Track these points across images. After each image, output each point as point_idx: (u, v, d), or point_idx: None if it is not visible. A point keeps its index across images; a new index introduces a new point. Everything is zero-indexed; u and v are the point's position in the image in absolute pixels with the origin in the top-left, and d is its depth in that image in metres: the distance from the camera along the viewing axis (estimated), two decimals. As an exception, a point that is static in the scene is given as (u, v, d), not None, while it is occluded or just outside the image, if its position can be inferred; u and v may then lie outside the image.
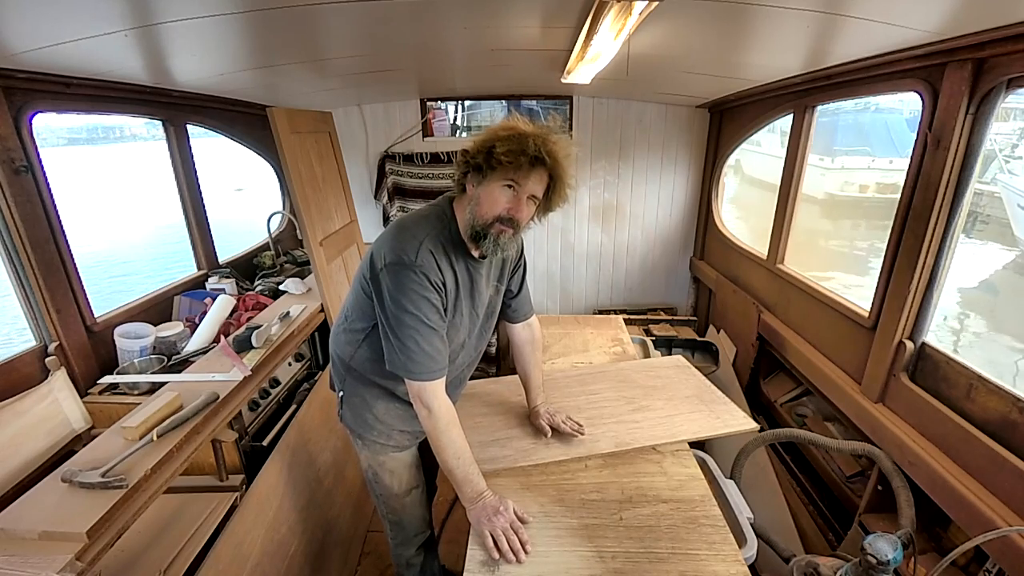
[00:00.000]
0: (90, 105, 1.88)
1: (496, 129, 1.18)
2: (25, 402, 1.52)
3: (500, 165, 1.15)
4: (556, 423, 1.54)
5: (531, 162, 1.15)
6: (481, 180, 1.21)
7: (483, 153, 1.17)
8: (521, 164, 1.15)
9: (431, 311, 1.19)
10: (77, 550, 1.03)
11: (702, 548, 1.16)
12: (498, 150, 1.14)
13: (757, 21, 1.52)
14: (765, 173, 7.98)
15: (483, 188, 1.20)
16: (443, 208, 1.30)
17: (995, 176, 7.26)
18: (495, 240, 1.22)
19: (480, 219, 1.21)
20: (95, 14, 1.23)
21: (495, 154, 1.14)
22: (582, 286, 3.81)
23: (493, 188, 1.19)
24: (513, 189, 1.19)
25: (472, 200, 1.23)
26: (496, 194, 1.19)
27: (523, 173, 1.17)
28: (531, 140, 1.14)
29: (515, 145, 1.14)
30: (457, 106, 3.88)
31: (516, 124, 1.18)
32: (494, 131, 1.18)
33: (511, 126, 1.18)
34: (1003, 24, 1.17)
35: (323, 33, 1.70)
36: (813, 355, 2.12)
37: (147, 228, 12.39)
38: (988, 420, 1.37)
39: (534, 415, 1.59)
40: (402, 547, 1.62)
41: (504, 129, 1.17)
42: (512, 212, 1.20)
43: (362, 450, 1.48)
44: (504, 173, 1.17)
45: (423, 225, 1.25)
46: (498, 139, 1.15)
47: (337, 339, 1.46)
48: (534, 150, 1.14)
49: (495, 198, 1.19)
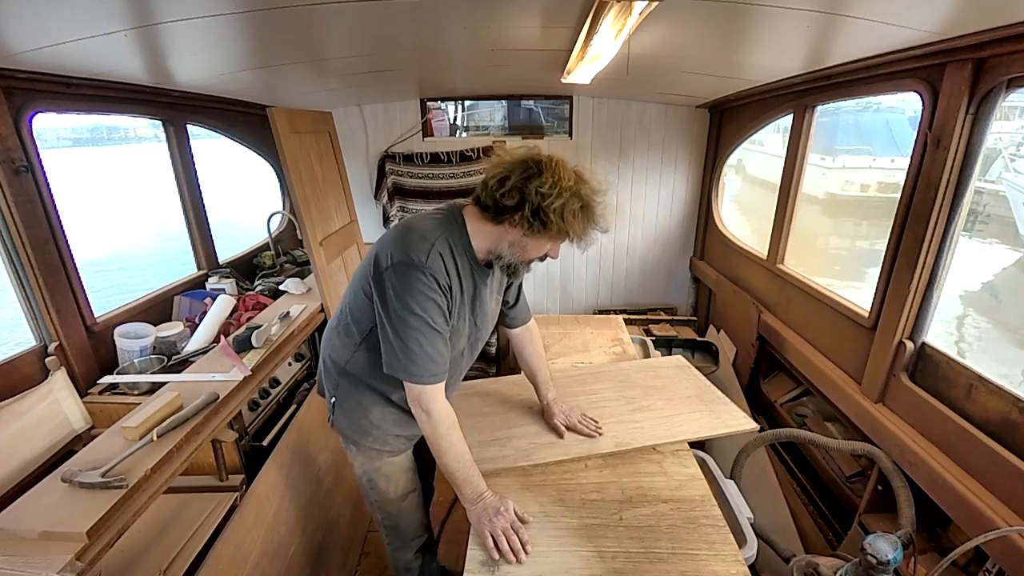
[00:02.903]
0: (90, 105, 1.88)
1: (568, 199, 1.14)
2: (25, 402, 1.52)
3: (571, 236, 1.18)
4: (572, 423, 1.54)
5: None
6: (534, 234, 1.18)
7: (556, 222, 1.14)
8: (589, 235, 1.21)
9: (437, 314, 1.17)
10: (77, 550, 1.03)
11: (702, 548, 1.16)
12: (577, 226, 1.16)
13: (757, 21, 1.52)
14: (767, 173, 7.98)
15: (534, 241, 1.21)
16: (453, 215, 1.27)
17: (1000, 175, 7.25)
18: (527, 268, 1.30)
19: (523, 260, 1.26)
20: (95, 14, 1.23)
21: (572, 227, 1.15)
22: (582, 286, 3.81)
23: (544, 242, 1.23)
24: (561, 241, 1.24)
25: (515, 245, 1.23)
26: (544, 244, 1.24)
27: (584, 237, 1.21)
28: (603, 217, 1.20)
29: (592, 222, 1.19)
30: (457, 106, 3.87)
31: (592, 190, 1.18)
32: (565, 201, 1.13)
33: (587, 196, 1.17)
34: (1003, 24, 1.17)
35: (323, 33, 1.70)
36: (813, 355, 2.12)
37: (153, 228, 12.39)
38: (988, 420, 1.37)
39: (548, 413, 1.58)
40: (399, 551, 1.61)
41: (578, 199, 1.15)
42: (552, 254, 1.27)
43: (356, 456, 1.46)
44: (562, 236, 1.19)
45: (433, 228, 1.22)
46: (571, 211, 1.14)
47: (331, 342, 1.42)
48: (605, 228, 1.21)
49: (542, 247, 1.24)
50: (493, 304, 1.43)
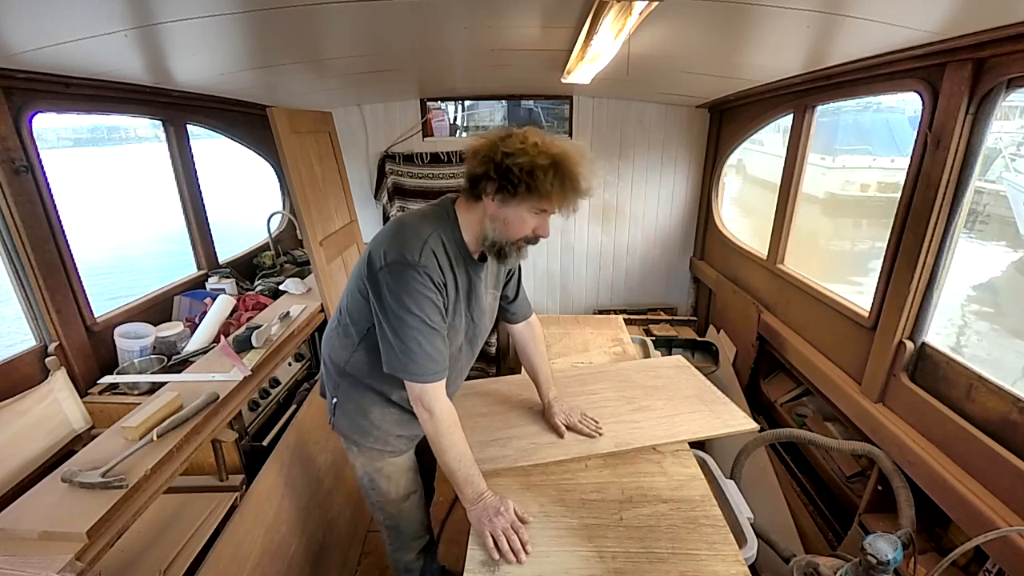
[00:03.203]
0: (90, 105, 1.88)
1: (536, 155, 1.09)
2: (25, 402, 1.52)
3: (546, 197, 1.12)
4: (573, 423, 1.54)
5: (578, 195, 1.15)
6: (509, 201, 1.15)
7: (524, 179, 1.09)
8: (568, 197, 1.14)
9: (433, 311, 1.17)
10: (77, 550, 1.03)
11: (702, 548, 1.16)
12: (548, 182, 1.09)
13: (757, 21, 1.52)
14: (767, 173, 7.98)
15: (511, 211, 1.16)
16: (445, 209, 1.27)
17: (1000, 174, 7.24)
18: (517, 253, 1.24)
19: (508, 240, 1.21)
20: (95, 14, 1.23)
21: (541, 186, 1.09)
22: (582, 286, 3.81)
23: (523, 213, 1.17)
24: (545, 213, 1.19)
25: (496, 219, 1.19)
26: (526, 217, 1.18)
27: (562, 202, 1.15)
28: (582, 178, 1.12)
29: (571, 182, 1.11)
30: (457, 106, 3.88)
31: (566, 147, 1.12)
32: (532, 157, 1.09)
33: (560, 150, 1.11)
34: (1003, 24, 1.17)
35: (323, 33, 1.70)
36: (813, 355, 2.12)
37: (153, 229, 12.36)
38: (988, 420, 1.37)
39: (548, 412, 1.58)
40: (400, 552, 1.60)
41: (547, 156, 1.09)
42: (539, 232, 1.21)
43: (357, 457, 1.45)
44: (540, 201, 1.14)
45: (425, 225, 1.22)
46: (539, 167, 1.09)
47: (330, 343, 1.42)
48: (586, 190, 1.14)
49: (524, 221, 1.18)
50: (490, 299, 1.42)
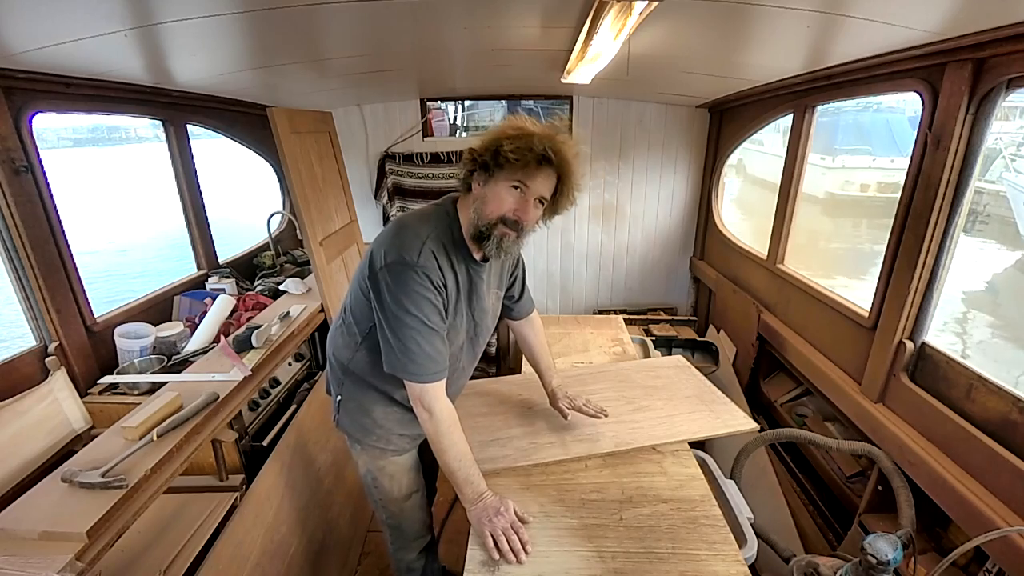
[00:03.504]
0: (90, 105, 1.88)
1: (504, 127, 1.17)
2: (25, 402, 1.52)
3: (508, 163, 1.14)
4: (578, 406, 1.54)
5: (539, 161, 1.14)
6: (488, 179, 1.19)
7: (490, 151, 1.16)
8: (528, 162, 1.14)
9: (432, 312, 1.18)
10: (77, 550, 1.03)
11: (702, 548, 1.16)
12: (505, 148, 1.13)
13: (757, 21, 1.52)
14: (768, 173, 7.98)
15: (489, 187, 1.19)
16: (446, 208, 1.28)
17: (1000, 175, 7.24)
18: (498, 242, 1.20)
19: (484, 218, 1.19)
20: (95, 14, 1.23)
21: (502, 152, 1.13)
22: (582, 286, 3.81)
23: (500, 188, 1.18)
24: (520, 190, 1.18)
25: (477, 199, 1.21)
26: (503, 194, 1.18)
27: (530, 172, 1.16)
28: (539, 139, 1.13)
29: (523, 143, 1.12)
30: (457, 106, 3.88)
31: (524, 123, 1.17)
32: (502, 129, 1.17)
33: (519, 125, 1.16)
34: (1003, 24, 1.17)
35: (323, 33, 1.70)
36: (813, 355, 2.12)
37: (154, 228, 12.36)
38: (988, 420, 1.37)
39: (552, 398, 1.59)
40: (401, 551, 1.60)
41: (512, 128, 1.16)
42: (518, 214, 1.19)
43: (360, 455, 1.46)
44: (512, 172, 1.16)
45: (425, 225, 1.23)
46: (506, 137, 1.14)
47: (335, 341, 1.43)
48: (542, 148, 1.12)
49: (501, 198, 1.18)
50: (492, 299, 1.42)
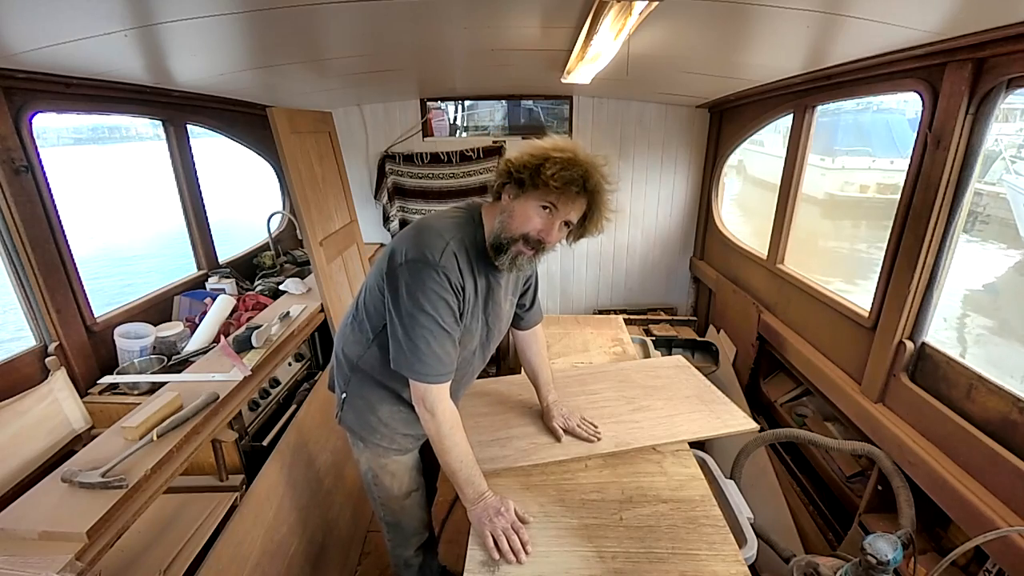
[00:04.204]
0: (90, 105, 1.88)
1: (551, 148, 1.14)
2: (25, 402, 1.52)
3: (545, 187, 1.12)
4: (571, 427, 1.53)
5: (578, 191, 1.14)
6: (519, 194, 1.17)
7: (530, 169, 1.13)
8: (569, 192, 1.13)
9: (447, 313, 1.17)
10: (77, 550, 1.03)
11: (702, 548, 1.16)
12: (548, 171, 1.10)
13: (757, 21, 1.52)
14: (768, 173, 7.98)
15: (519, 203, 1.18)
16: (472, 214, 1.27)
17: (1001, 176, 7.23)
18: (513, 258, 1.20)
19: (508, 232, 1.19)
20: (95, 14, 1.23)
21: (543, 174, 1.11)
22: (582, 286, 3.81)
23: (529, 206, 1.17)
24: (550, 211, 1.17)
25: (505, 211, 1.20)
26: (531, 213, 1.17)
27: (566, 199, 1.15)
28: (586, 169, 1.12)
29: (568, 171, 1.10)
30: (457, 106, 3.88)
31: (575, 148, 1.15)
32: (546, 149, 1.14)
33: (569, 149, 1.14)
34: (1003, 24, 1.17)
35: (323, 33, 1.70)
36: (813, 355, 2.12)
37: (154, 228, 12.34)
38: (988, 420, 1.37)
39: (547, 415, 1.58)
40: (400, 548, 1.61)
41: (559, 150, 1.13)
42: (543, 235, 1.18)
43: (362, 452, 1.46)
44: (546, 195, 1.14)
45: (450, 227, 1.22)
46: (550, 159, 1.11)
47: (345, 337, 1.42)
48: (585, 180, 1.12)
49: (529, 216, 1.17)
50: (508, 306, 1.42)
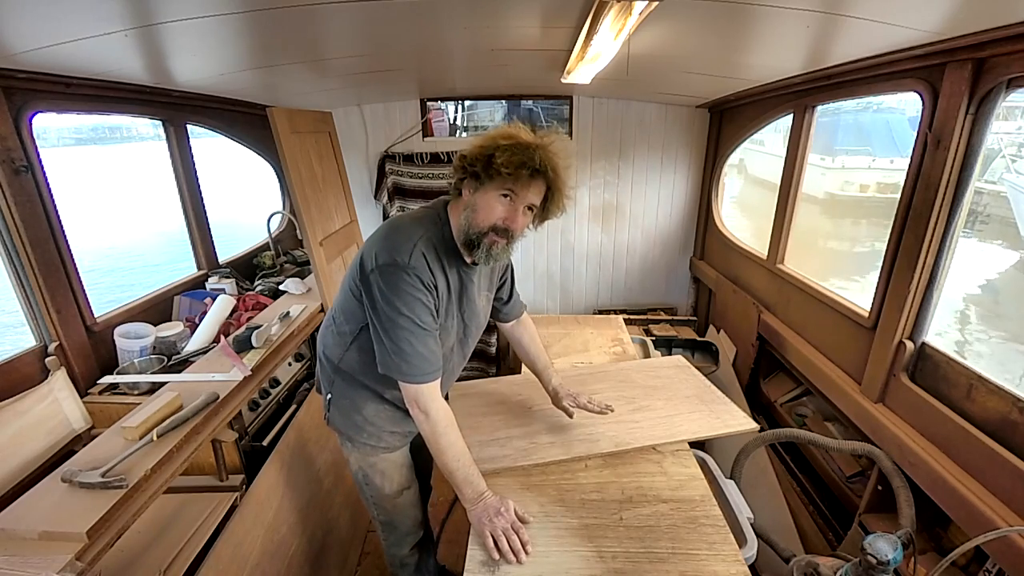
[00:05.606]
0: (90, 105, 1.88)
1: (496, 136, 1.16)
2: (25, 402, 1.52)
3: (499, 175, 1.13)
4: (582, 403, 1.54)
5: (531, 174, 1.14)
6: (478, 187, 1.19)
7: (482, 161, 1.15)
8: (521, 176, 1.13)
9: (424, 312, 1.19)
10: (77, 550, 1.03)
11: (702, 548, 1.16)
12: (498, 160, 1.12)
13: (757, 21, 1.52)
14: (768, 173, 7.97)
15: (480, 196, 1.20)
16: (438, 211, 1.29)
17: (1001, 176, 7.23)
18: (488, 250, 1.21)
19: (475, 227, 1.20)
20: (95, 14, 1.23)
21: (495, 164, 1.13)
22: (582, 286, 3.81)
23: (490, 197, 1.18)
24: (510, 199, 1.18)
25: (468, 207, 1.22)
26: (493, 203, 1.18)
27: (522, 184, 1.16)
28: (533, 151, 1.12)
29: (516, 156, 1.12)
30: (457, 106, 3.88)
31: (517, 132, 1.16)
32: (494, 138, 1.16)
33: (512, 135, 1.15)
34: (1003, 24, 1.17)
35: (323, 33, 1.70)
36: (813, 355, 2.12)
37: (154, 228, 12.33)
38: (988, 420, 1.37)
39: (555, 398, 1.59)
40: (395, 547, 1.62)
41: (505, 137, 1.15)
42: (508, 223, 1.19)
43: (352, 452, 1.47)
44: (502, 183, 1.16)
45: (417, 227, 1.23)
46: (498, 148, 1.13)
47: (326, 340, 1.44)
48: (535, 162, 1.12)
49: (491, 207, 1.19)
50: (483, 301, 1.43)
